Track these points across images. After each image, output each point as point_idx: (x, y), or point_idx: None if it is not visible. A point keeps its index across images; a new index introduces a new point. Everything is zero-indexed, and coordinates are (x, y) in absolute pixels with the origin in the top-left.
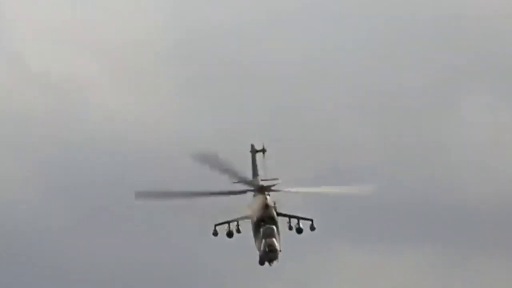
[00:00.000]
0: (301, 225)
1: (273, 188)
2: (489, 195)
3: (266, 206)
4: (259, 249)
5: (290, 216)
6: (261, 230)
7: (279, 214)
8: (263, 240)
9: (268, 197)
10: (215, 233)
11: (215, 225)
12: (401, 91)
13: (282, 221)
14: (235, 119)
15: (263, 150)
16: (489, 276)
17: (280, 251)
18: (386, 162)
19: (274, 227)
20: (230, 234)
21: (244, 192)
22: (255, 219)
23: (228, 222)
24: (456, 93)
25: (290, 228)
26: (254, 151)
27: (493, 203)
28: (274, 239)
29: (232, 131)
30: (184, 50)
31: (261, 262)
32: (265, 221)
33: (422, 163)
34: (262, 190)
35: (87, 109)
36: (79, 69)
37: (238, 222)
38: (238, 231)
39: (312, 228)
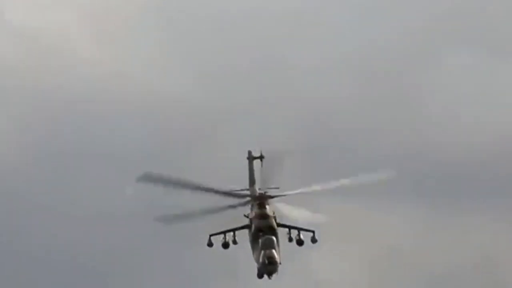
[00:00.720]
0: (301, 237)
1: (272, 195)
2: (472, 147)
3: (265, 216)
4: (257, 261)
5: (290, 227)
6: (260, 241)
7: (279, 225)
8: (262, 252)
9: (267, 206)
10: (210, 244)
11: (210, 236)
12: (382, 47)
13: (282, 232)
14: (216, 72)
15: (261, 157)
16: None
17: (280, 263)
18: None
19: (274, 238)
20: (225, 245)
21: (242, 197)
22: (253, 229)
23: (224, 232)
24: (437, 46)
25: (290, 239)
26: (251, 158)
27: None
28: (273, 251)
29: (213, 83)
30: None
31: (260, 275)
32: (264, 231)
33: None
34: (260, 199)
35: (69, 62)
36: (58, 21)
37: (234, 233)
38: (235, 242)
39: (314, 240)
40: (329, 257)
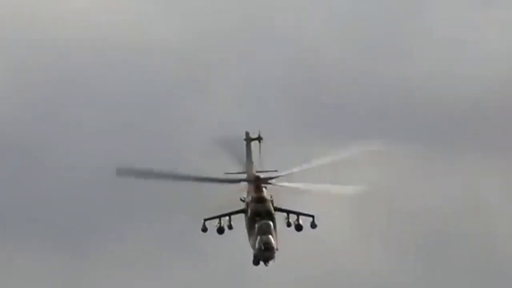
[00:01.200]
0: (301, 222)
1: (270, 180)
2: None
3: (262, 199)
4: (253, 247)
5: (289, 212)
6: (256, 226)
7: (276, 209)
8: (258, 237)
9: (264, 189)
10: (204, 229)
11: (204, 220)
12: None
13: (280, 217)
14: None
15: (259, 139)
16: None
17: (277, 249)
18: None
19: (271, 223)
20: (221, 230)
21: (237, 182)
22: (249, 213)
23: (219, 217)
24: None
25: (289, 224)
26: (249, 140)
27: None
28: (270, 236)
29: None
30: None
31: (256, 262)
32: (260, 216)
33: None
34: (257, 181)
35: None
36: None
37: (230, 217)
38: (230, 227)
39: (313, 225)
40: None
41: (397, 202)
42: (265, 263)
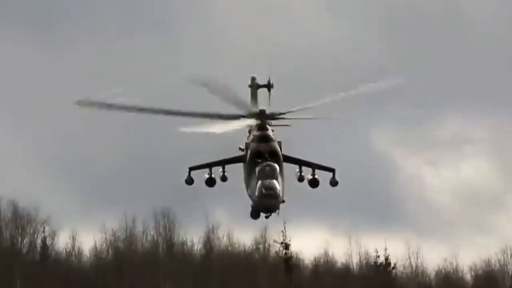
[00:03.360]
0: (316, 176)
1: (278, 116)
2: None
3: (265, 138)
4: (252, 195)
5: (302, 163)
6: (257, 169)
7: (286, 159)
8: (259, 182)
9: (270, 130)
10: (190, 181)
11: (190, 169)
12: None
13: (290, 170)
14: None
15: (269, 86)
16: None
17: (283, 201)
18: None
19: (276, 165)
20: (210, 182)
21: (237, 118)
22: (249, 155)
23: (209, 166)
24: None
25: (301, 179)
26: (255, 86)
27: None
28: (274, 181)
29: None
30: None
31: (255, 214)
32: (263, 158)
33: None
34: (262, 117)
35: None
36: None
37: (223, 166)
38: (224, 178)
39: (334, 182)
40: None
41: None
42: (266, 215)
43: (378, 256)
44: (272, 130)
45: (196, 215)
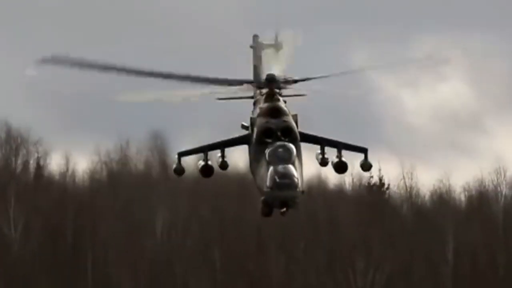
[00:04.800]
0: (343, 158)
1: (291, 83)
2: None
3: (276, 110)
4: (261, 186)
5: (324, 141)
6: (267, 151)
7: (304, 138)
8: (271, 168)
9: (282, 102)
10: (179, 170)
11: (179, 155)
12: None
13: (308, 150)
14: None
15: (277, 46)
16: None
17: (303, 192)
18: None
19: (292, 146)
20: (207, 171)
21: (239, 83)
22: (256, 134)
23: (203, 150)
24: None
25: (324, 162)
26: (259, 47)
27: None
28: (290, 166)
29: None
30: None
31: (267, 210)
32: (275, 137)
33: None
34: (270, 84)
35: None
36: None
37: (223, 151)
38: (223, 165)
39: (366, 165)
40: None
41: None
42: (282, 211)
43: (372, 177)
44: (285, 102)
45: (189, 137)
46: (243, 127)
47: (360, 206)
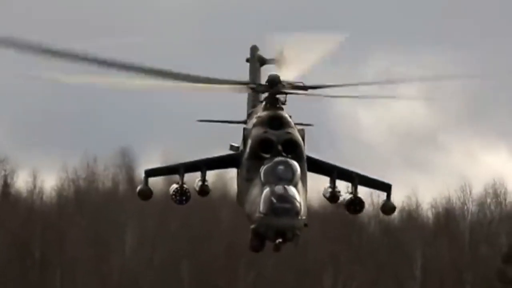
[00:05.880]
0: (359, 195)
1: (300, 89)
2: None
3: (278, 119)
4: (252, 212)
5: (334, 171)
6: (264, 168)
7: (312, 163)
8: (267, 189)
9: (283, 107)
10: (145, 193)
11: (146, 174)
12: None
13: (315, 181)
14: None
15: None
16: None
17: (306, 225)
18: None
19: (296, 164)
20: (181, 197)
21: (233, 83)
22: (249, 149)
23: (177, 170)
24: None
25: (334, 197)
26: (257, 60)
27: None
28: (292, 188)
29: None
30: None
31: (257, 242)
32: (274, 151)
33: None
34: (274, 87)
35: None
36: None
37: (203, 172)
38: (203, 190)
39: (389, 207)
40: None
41: None
42: (277, 242)
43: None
44: (290, 116)
45: (156, 153)
46: (232, 148)
47: (328, 223)
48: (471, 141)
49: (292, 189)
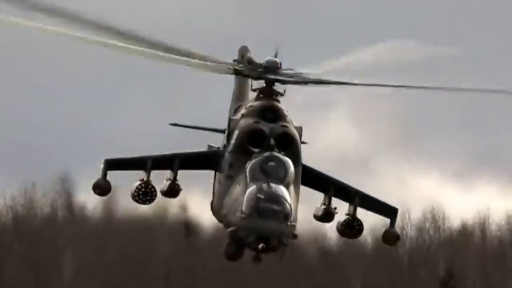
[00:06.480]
0: (357, 215)
1: (303, 79)
2: None
3: (273, 110)
4: (231, 214)
5: (334, 186)
6: (251, 163)
7: (308, 173)
8: (253, 186)
9: (281, 105)
10: (102, 187)
11: (107, 163)
12: None
13: (308, 197)
14: None
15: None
16: None
17: (296, 236)
18: None
19: (289, 161)
20: (145, 195)
21: (225, 63)
22: (235, 140)
23: (141, 163)
24: None
25: (328, 215)
26: (246, 62)
27: None
28: (282, 187)
29: None
30: None
31: (235, 248)
32: (266, 145)
33: None
34: (269, 77)
35: None
36: None
37: (175, 168)
38: (172, 190)
39: (392, 235)
40: None
41: None
42: (259, 247)
43: None
44: (286, 111)
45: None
46: (210, 147)
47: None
48: (404, 166)
49: (282, 189)
